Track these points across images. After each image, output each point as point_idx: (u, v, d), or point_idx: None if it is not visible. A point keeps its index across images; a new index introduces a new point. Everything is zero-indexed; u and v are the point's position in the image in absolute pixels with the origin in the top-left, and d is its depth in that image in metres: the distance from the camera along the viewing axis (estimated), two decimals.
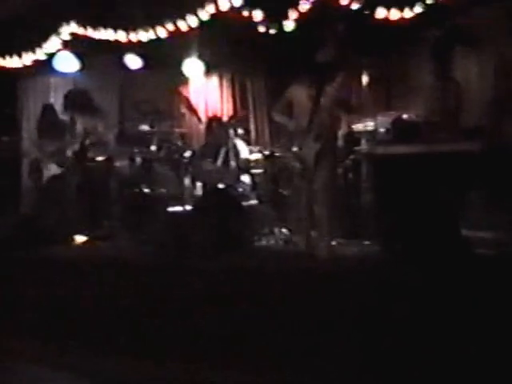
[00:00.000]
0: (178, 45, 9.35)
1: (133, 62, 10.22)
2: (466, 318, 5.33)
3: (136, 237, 8.38)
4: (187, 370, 5.84)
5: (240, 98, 11.07)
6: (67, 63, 10.02)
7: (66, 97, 9.93)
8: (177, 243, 7.72)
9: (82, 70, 10.22)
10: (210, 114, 10.79)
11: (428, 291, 5.63)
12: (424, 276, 5.81)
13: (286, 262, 7.24)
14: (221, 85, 11.19)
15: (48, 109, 9.96)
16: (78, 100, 9.74)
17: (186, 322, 6.53)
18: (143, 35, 8.70)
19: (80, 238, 8.80)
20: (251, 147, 9.59)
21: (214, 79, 11.18)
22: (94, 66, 10.35)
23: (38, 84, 11.20)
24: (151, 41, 8.85)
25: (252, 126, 10.72)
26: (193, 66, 10.16)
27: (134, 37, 8.77)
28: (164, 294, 6.87)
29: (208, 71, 10.55)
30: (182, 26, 8.35)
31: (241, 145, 9.29)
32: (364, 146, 8.17)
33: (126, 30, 8.76)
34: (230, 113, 10.83)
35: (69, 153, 9.35)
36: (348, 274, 6.42)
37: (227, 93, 11.15)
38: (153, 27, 8.59)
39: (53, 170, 9.41)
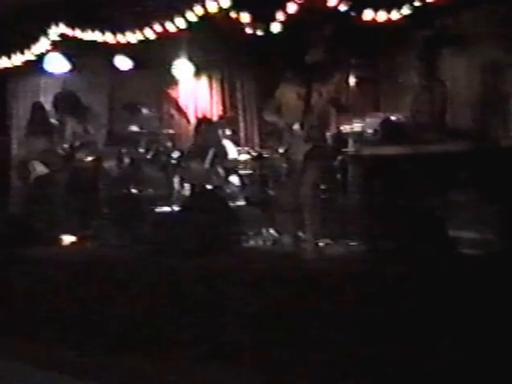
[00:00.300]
0: (167, 46, 9.37)
1: (122, 63, 10.24)
2: (454, 316, 5.36)
3: (124, 237, 8.37)
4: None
5: (229, 100, 11.09)
6: (57, 64, 10.04)
7: (56, 98, 9.91)
8: (164, 243, 7.71)
9: (72, 70, 10.25)
10: (199, 115, 10.78)
11: (417, 292, 5.65)
12: (413, 277, 5.82)
13: (273, 262, 7.24)
14: (210, 86, 11.21)
15: (37, 107, 9.94)
16: (67, 101, 9.72)
17: (172, 322, 6.56)
18: (132, 37, 8.71)
19: (68, 238, 8.78)
20: (239, 148, 9.61)
21: (203, 80, 11.19)
22: (83, 67, 10.38)
23: (28, 85, 11.21)
24: (140, 42, 8.87)
25: (241, 127, 10.75)
26: (182, 68, 10.18)
27: (123, 38, 8.77)
28: (150, 293, 6.89)
29: (197, 72, 10.57)
30: (171, 27, 8.36)
31: (229, 146, 9.31)
32: (352, 147, 8.17)
33: (115, 31, 8.78)
34: (219, 114, 10.85)
35: (57, 153, 9.33)
36: (334, 274, 6.42)
37: (216, 94, 11.17)
38: (141, 29, 8.60)
39: (40, 169, 9.37)
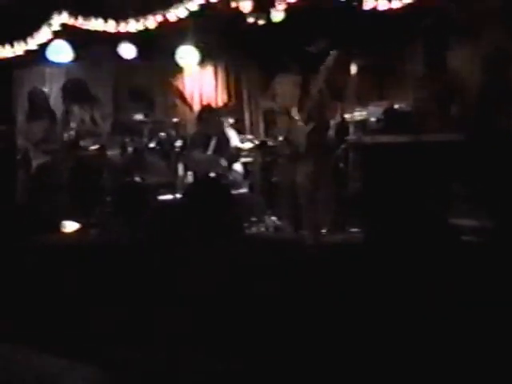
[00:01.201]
0: (172, 34, 9.37)
1: (127, 51, 10.23)
2: (452, 305, 5.37)
3: (127, 224, 8.41)
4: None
5: (232, 88, 11.10)
6: (61, 53, 10.04)
7: (65, 86, 9.94)
8: (167, 231, 7.76)
9: (76, 59, 10.26)
10: (203, 104, 10.78)
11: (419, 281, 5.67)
12: (413, 265, 5.83)
13: (275, 249, 7.27)
14: (213, 74, 11.21)
15: (35, 93, 9.96)
16: (76, 89, 9.75)
17: (176, 310, 6.59)
18: (135, 25, 8.72)
19: (72, 225, 8.83)
20: (243, 136, 9.63)
21: (207, 69, 11.20)
22: (87, 56, 10.39)
23: (33, 74, 11.21)
24: (143, 30, 8.88)
25: (244, 115, 10.76)
26: (186, 56, 10.18)
27: (126, 26, 8.78)
28: (155, 281, 6.92)
29: (201, 61, 10.57)
30: (173, 15, 8.37)
31: (232, 134, 9.33)
32: (355, 135, 8.18)
33: (117, 19, 8.78)
34: (223, 102, 10.87)
35: (60, 141, 9.38)
36: (335, 261, 6.45)
37: (219, 82, 11.17)
38: (144, 16, 8.61)
39: (41, 157, 9.42)
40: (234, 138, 9.29)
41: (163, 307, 6.64)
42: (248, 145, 9.19)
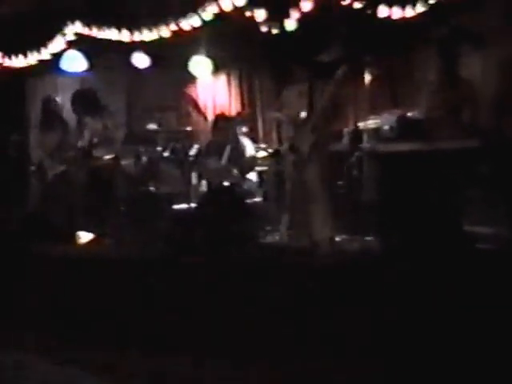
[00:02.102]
0: (185, 44, 9.39)
1: (140, 60, 10.26)
2: (465, 312, 5.36)
3: (142, 234, 8.41)
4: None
5: (246, 96, 11.12)
6: (75, 62, 10.08)
7: (74, 96, 9.97)
8: (182, 240, 7.76)
9: (90, 69, 10.29)
10: (217, 112, 10.78)
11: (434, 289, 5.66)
12: (430, 274, 5.82)
13: (286, 257, 7.26)
14: (227, 83, 11.23)
15: (48, 102, 10.00)
16: (85, 99, 9.78)
17: (191, 318, 6.60)
18: (148, 34, 8.74)
19: (86, 235, 8.85)
20: (257, 145, 9.64)
21: (221, 77, 11.22)
22: (101, 65, 10.43)
23: (46, 83, 11.25)
24: (157, 40, 8.89)
25: (258, 124, 10.77)
26: (199, 65, 10.20)
27: (139, 36, 8.80)
28: (169, 290, 6.93)
29: (215, 70, 10.59)
30: (187, 25, 8.39)
31: (247, 142, 9.34)
32: (368, 143, 8.18)
33: (131, 29, 8.81)
34: (236, 111, 10.87)
35: (73, 150, 9.41)
36: (345, 270, 6.44)
37: (233, 91, 11.19)
38: (158, 26, 8.63)
39: (57, 168, 9.45)
40: (249, 147, 9.29)
41: (178, 314, 6.70)
42: (262, 153, 9.20)
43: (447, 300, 5.51)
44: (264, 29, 7.98)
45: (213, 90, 11.27)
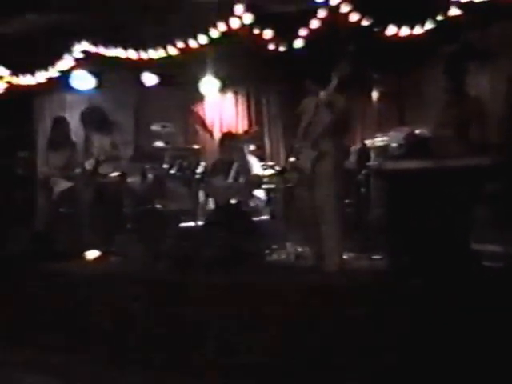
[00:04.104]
0: (192, 62, 9.42)
1: (148, 79, 10.30)
2: (473, 330, 5.32)
3: (148, 252, 8.40)
4: None
5: (253, 114, 11.13)
6: (83, 81, 10.13)
7: (83, 114, 10.00)
8: (188, 259, 7.76)
9: (97, 87, 10.33)
10: (224, 130, 10.79)
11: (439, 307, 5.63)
12: (437, 293, 5.79)
13: (293, 276, 7.24)
14: (234, 101, 11.25)
15: (59, 122, 10.04)
16: (93, 117, 9.81)
17: (199, 336, 6.57)
18: (156, 54, 8.76)
19: (92, 253, 8.84)
20: (264, 163, 9.64)
21: (228, 95, 11.23)
22: (109, 83, 10.46)
23: (54, 101, 11.30)
24: (165, 59, 8.92)
25: (265, 142, 10.77)
26: (207, 83, 10.22)
27: (147, 55, 8.83)
28: (177, 308, 6.91)
29: (222, 88, 10.61)
30: (195, 43, 8.41)
31: (253, 160, 9.33)
32: (376, 160, 8.16)
33: (138, 48, 8.84)
34: (243, 129, 10.88)
35: (80, 168, 9.42)
36: (353, 288, 6.41)
37: (240, 109, 11.21)
38: (164, 46, 8.66)
39: (62, 185, 9.47)
40: (256, 165, 9.28)
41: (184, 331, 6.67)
42: (269, 171, 9.19)
43: (456, 318, 5.48)
44: (271, 47, 8.01)
45: (220, 108, 11.29)
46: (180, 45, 8.55)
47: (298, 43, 8.00)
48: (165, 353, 6.58)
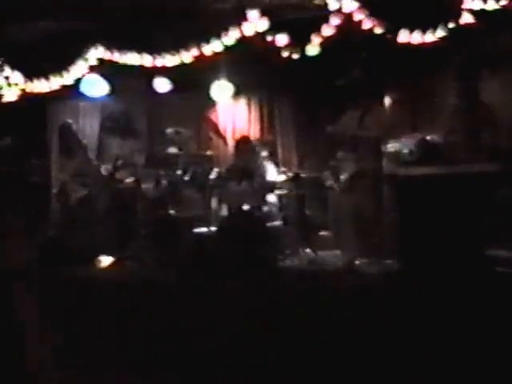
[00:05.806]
0: (206, 68, 9.45)
1: (161, 84, 10.32)
2: (486, 333, 5.37)
3: (163, 258, 8.46)
4: None
5: (266, 120, 11.15)
6: (96, 87, 10.16)
7: (106, 119, 10.08)
8: (202, 264, 7.81)
9: (111, 93, 10.37)
10: (238, 136, 10.83)
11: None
12: (450, 296, 5.84)
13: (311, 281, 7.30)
14: (247, 107, 11.27)
15: (64, 128, 10.11)
16: (118, 122, 9.89)
17: (213, 342, 6.63)
18: (170, 60, 8.81)
19: (107, 259, 8.90)
20: (278, 169, 9.69)
21: (241, 102, 11.26)
22: (123, 89, 10.50)
23: (68, 107, 11.34)
24: (178, 64, 8.96)
25: (279, 148, 10.80)
26: (221, 89, 10.26)
27: (161, 61, 8.87)
28: (191, 313, 6.97)
29: (235, 94, 10.64)
30: (208, 50, 8.46)
31: (268, 166, 9.39)
32: (388, 167, 8.20)
33: (153, 54, 8.88)
34: (257, 135, 10.92)
35: (96, 174, 9.48)
36: (373, 293, 6.47)
37: (254, 115, 11.23)
38: (179, 52, 8.70)
39: (79, 191, 9.52)
40: (269, 171, 9.34)
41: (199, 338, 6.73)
42: (282, 177, 9.24)
43: (468, 322, 5.53)
44: (285, 54, 8.06)
45: (233, 113, 11.31)
46: (194, 51, 8.58)
47: (312, 50, 8.04)
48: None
